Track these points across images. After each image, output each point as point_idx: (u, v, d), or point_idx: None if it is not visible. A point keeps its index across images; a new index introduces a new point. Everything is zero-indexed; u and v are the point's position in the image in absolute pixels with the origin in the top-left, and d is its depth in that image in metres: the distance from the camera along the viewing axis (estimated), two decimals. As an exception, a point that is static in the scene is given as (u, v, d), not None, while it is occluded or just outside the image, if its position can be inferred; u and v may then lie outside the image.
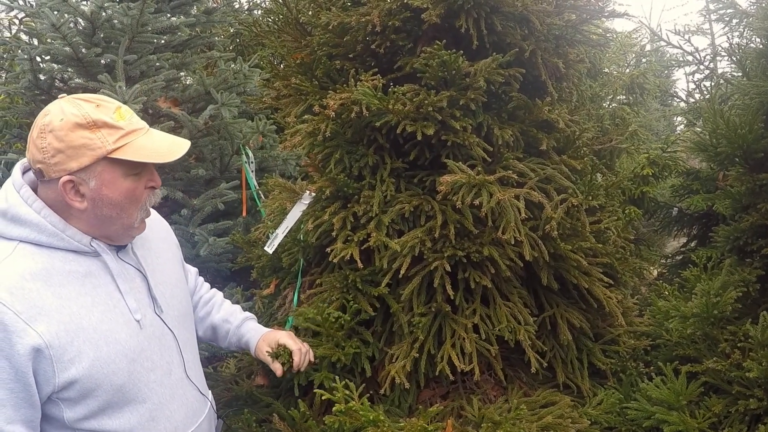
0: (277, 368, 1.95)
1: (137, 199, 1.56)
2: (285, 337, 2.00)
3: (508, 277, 2.22)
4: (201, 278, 2.14)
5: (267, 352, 1.97)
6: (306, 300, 2.27)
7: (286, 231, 2.20)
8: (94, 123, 1.45)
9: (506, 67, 2.23)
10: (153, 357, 1.61)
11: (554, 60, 2.36)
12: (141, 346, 1.58)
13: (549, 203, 2.19)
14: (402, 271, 2.07)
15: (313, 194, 2.18)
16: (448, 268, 2.08)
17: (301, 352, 1.99)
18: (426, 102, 2.06)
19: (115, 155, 1.47)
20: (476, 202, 2.00)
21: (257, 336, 2.03)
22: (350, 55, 2.31)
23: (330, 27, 2.26)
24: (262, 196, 2.55)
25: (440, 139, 2.13)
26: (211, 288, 2.15)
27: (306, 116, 2.19)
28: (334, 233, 2.14)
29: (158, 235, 1.83)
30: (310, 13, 2.40)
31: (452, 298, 2.15)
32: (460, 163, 2.08)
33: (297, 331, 2.29)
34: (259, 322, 2.41)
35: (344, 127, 2.19)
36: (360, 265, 2.11)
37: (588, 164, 2.43)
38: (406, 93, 2.12)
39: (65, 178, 1.46)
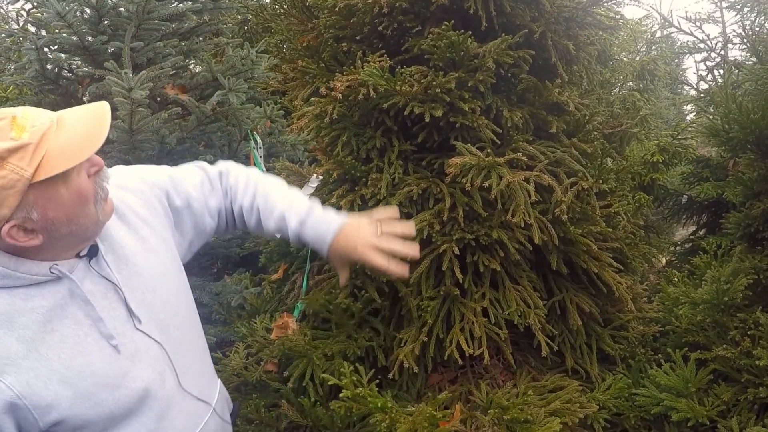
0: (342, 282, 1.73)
1: (86, 199, 1.36)
2: (362, 257, 1.64)
3: (518, 261, 2.21)
4: (231, 176, 1.77)
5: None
6: (315, 286, 2.26)
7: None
8: None
9: (516, 48, 2.21)
10: (141, 374, 1.47)
11: (564, 42, 2.33)
12: (123, 369, 1.43)
13: (559, 186, 2.17)
14: (411, 254, 2.05)
15: (321, 177, 2.17)
16: (457, 252, 2.07)
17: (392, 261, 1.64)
18: (434, 83, 2.04)
19: (38, 178, 1.25)
20: (485, 184, 1.99)
21: (324, 248, 1.69)
22: (357, 37, 2.29)
23: (337, 9, 2.24)
24: (278, 175, 2.54)
25: (449, 121, 2.11)
26: (247, 177, 1.78)
27: (313, 99, 2.17)
28: (340, 216, 2.12)
29: (136, 216, 1.58)
30: (317, -4, 2.38)
31: (461, 281, 2.13)
32: (469, 145, 2.06)
33: (306, 317, 2.29)
34: (267, 309, 2.39)
35: (351, 109, 2.17)
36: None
37: (598, 148, 2.41)
38: (414, 74, 2.10)
39: (6, 227, 1.26)
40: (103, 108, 1.37)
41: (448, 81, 2.06)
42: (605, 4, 2.58)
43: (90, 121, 1.35)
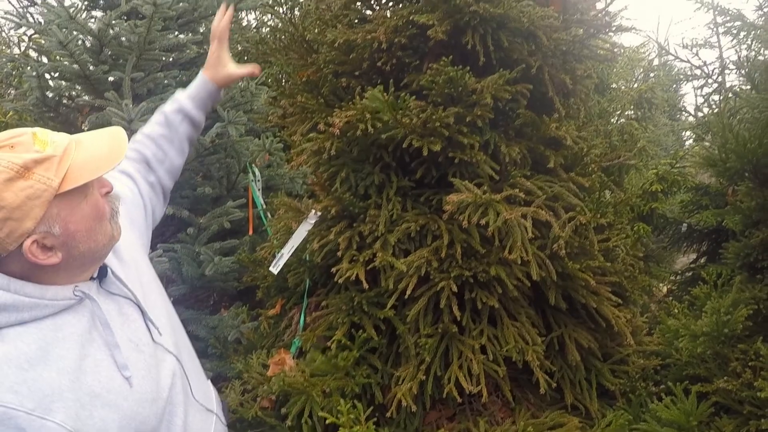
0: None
1: (102, 215, 1.39)
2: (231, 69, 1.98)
3: (516, 297, 2.20)
4: (130, 150, 1.86)
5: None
6: (312, 322, 2.25)
7: (292, 251, 2.18)
8: (24, 167, 1.25)
9: (513, 83, 2.22)
10: (166, 383, 1.51)
11: (561, 76, 2.34)
12: (154, 381, 1.46)
13: (557, 222, 2.17)
14: (408, 292, 2.04)
15: (319, 213, 2.16)
16: (455, 289, 2.06)
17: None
18: (433, 117, 2.05)
19: (64, 188, 1.28)
20: (483, 221, 1.98)
21: (205, 84, 1.99)
22: (356, 73, 2.30)
23: (336, 44, 2.25)
24: (268, 214, 2.54)
25: (447, 156, 2.12)
26: (137, 138, 1.92)
27: (311, 134, 2.18)
28: (339, 253, 2.12)
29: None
30: (316, 30, 2.39)
31: (459, 318, 2.12)
32: (467, 181, 2.06)
33: (303, 352, 2.28)
34: (263, 344, 2.39)
35: (350, 145, 2.18)
36: (366, 285, 2.09)
37: (596, 181, 2.41)
38: (413, 108, 2.10)
39: (28, 242, 1.27)
40: (119, 130, 1.44)
41: (447, 116, 2.06)
42: (601, 36, 2.60)
43: (108, 140, 1.40)
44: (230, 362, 2.67)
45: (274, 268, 2.21)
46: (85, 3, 4.13)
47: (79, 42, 3.54)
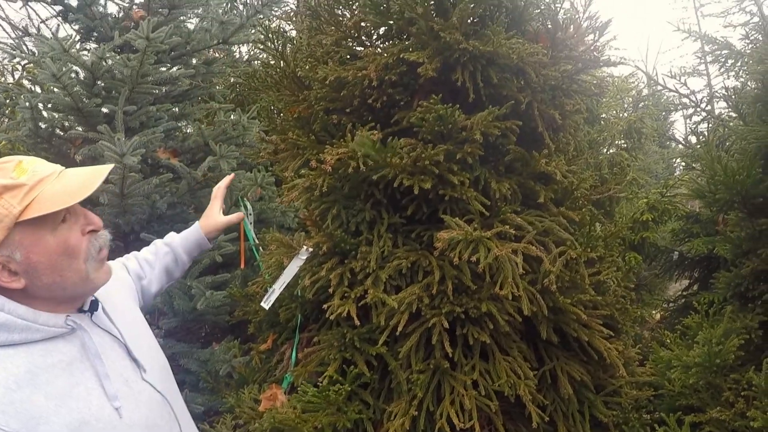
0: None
1: (74, 252, 1.39)
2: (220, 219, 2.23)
3: (507, 332, 2.20)
4: (139, 254, 2.11)
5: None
6: (304, 358, 2.24)
7: (283, 287, 2.18)
8: None
9: (503, 119, 2.24)
10: (158, 422, 1.52)
11: (551, 111, 2.36)
12: (145, 415, 1.48)
13: (547, 257, 2.18)
14: (399, 329, 2.05)
15: (310, 250, 2.17)
16: (446, 325, 2.06)
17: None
18: (423, 156, 2.06)
19: (25, 216, 1.31)
20: (474, 258, 1.99)
21: (196, 231, 2.21)
22: (347, 110, 2.32)
23: (327, 82, 2.27)
24: (261, 248, 2.54)
25: (438, 193, 2.13)
26: (128, 257, 2.10)
27: (303, 171, 2.19)
28: (331, 289, 2.12)
29: (116, 279, 1.68)
30: (307, 67, 2.42)
31: (451, 354, 2.12)
32: (457, 218, 2.07)
33: (294, 388, 2.26)
34: (255, 379, 2.39)
35: (341, 182, 2.19)
36: (357, 322, 2.09)
37: (586, 215, 2.42)
38: (403, 147, 2.12)
39: None
40: (102, 168, 1.46)
41: (437, 153, 2.08)
42: (590, 70, 2.63)
43: (86, 177, 1.42)
44: (222, 396, 2.66)
45: (266, 304, 2.20)
46: (79, 35, 4.17)
47: (72, 75, 3.56)
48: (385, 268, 2.11)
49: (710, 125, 4.52)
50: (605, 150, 5.09)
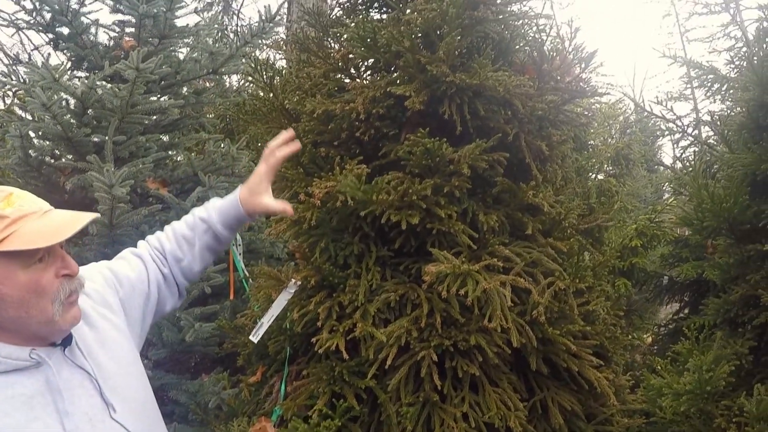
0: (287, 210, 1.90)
1: (44, 292, 1.38)
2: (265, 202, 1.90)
3: (497, 364, 2.19)
4: (150, 240, 1.91)
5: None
6: (293, 391, 2.22)
7: (272, 320, 2.18)
8: None
9: (490, 151, 2.25)
10: None
11: (538, 142, 2.38)
12: None
13: (536, 288, 2.18)
14: (388, 362, 2.04)
15: (299, 283, 2.17)
16: (435, 358, 2.06)
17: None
18: (410, 191, 2.07)
19: (1, 248, 1.31)
20: (462, 291, 1.99)
21: (238, 206, 1.90)
22: (335, 143, 2.33)
23: (315, 114, 2.29)
24: (250, 279, 2.54)
25: (425, 226, 2.13)
26: (158, 232, 1.95)
27: (292, 204, 2.19)
28: (319, 323, 2.11)
29: (97, 313, 1.64)
30: (295, 99, 2.43)
31: (440, 387, 2.11)
32: (445, 252, 2.08)
33: (284, 421, 2.25)
34: (245, 411, 2.37)
35: (329, 215, 2.19)
36: (345, 355, 2.08)
37: (575, 245, 2.43)
38: (390, 182, 2.13)
39: None
40: (84, 215, 1.46)
41: (425, 188, 2.09)
42: (577, 101, 2.65)
43: (66, 221, 1.42)
44: (211, 429, 2.64)
45: (254, 337, 2.20)
46: (70, 63, 4.18)
47: (63, 103, 3.57)
48: (373, 301, 2.11)
49: (697, 150, 4.56)
50: (593, 176, 5.13)
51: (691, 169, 3.08)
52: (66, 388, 1.43)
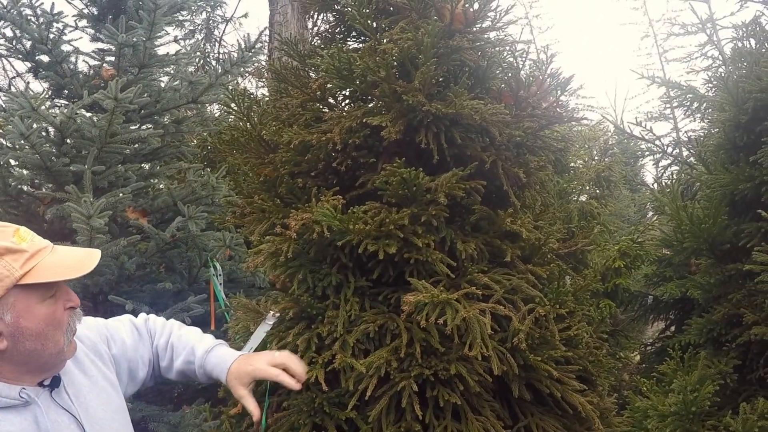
0: (254, 412, 1.77)
1: (59, 324, 1.44)
2: (257, 371, 1.79)
3: (479, 392, 2.18)
4: (151, 320, 1.93)
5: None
6: (274, 423, 2.20)
7: (251, 352, 2.15)
8: None
9: (467, 179, 2.25)
10: None
11: (515, 169, 2.38)
12: None
13: (516, 315, 2.18)
14: (368, 393, 2.02)
15: (277, 315, 2.15)
16: (416, 388, 2.04)
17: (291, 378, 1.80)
18: (387, 220, 2.07)
19: (26, 280, 1.36)
20: (441, 320, 1.98)
21: (224, 371, 1.82)
22: (312, 173, 2.32)
23: (292, 145, 2.28)
24: (231, 310, 2.51)
25: (403, 256, 2.13)
26: (164, 322, 1.97)
27: (268, 237, 2.18)
28: (298, 355, 2.09)
29: (88, 359, 1.67)
30: (273, 129, 2.43)
31: (422, 417, 2.09)
32: (424, 281, 2.07)
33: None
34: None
35: (307, 246, 2.18)
36: (325, 387, 2.06)
37: (555, 270, 2.43)
38: (367, 211, 2.12)
39: None
40: (95, 252, 1.53)
41: (402, 217, 2.08)
42: (555, 125, 2.66)
43: (81, 254, 1.49)
44: (193, 462, 2.60)
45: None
46: (50, 91, 4.16)
47: (42, 132, 3.54)
48: (352, 332, 2.10)
49: (678, 169, 4.59)
50: (575, 198, 5.15)
51: (669, 190, 3.10)
52: (53, 429, 1.44)
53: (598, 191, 5.64)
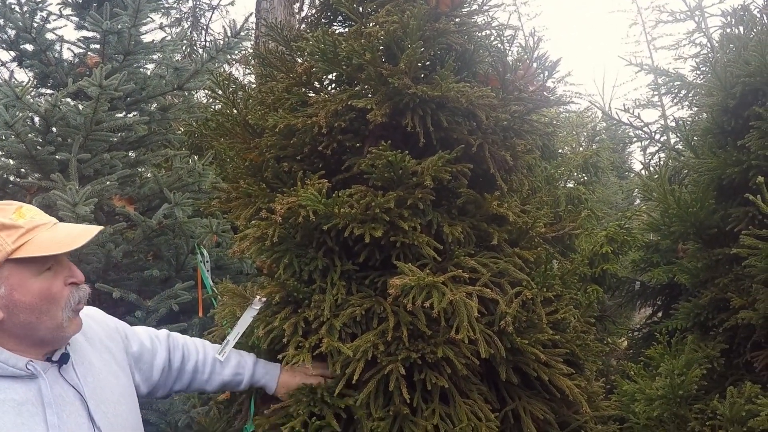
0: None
1: (55, 299, 1.50)
2: (305, 380, 2.12)
3: (466, 375, 2.18)
4: (179, 339, 2.10)
5: None
6: (271, 414, 2.18)
7: (237, 338, 2.15)
8: None
9: (454, 162, 2.25)
10: None
11: (502, 153, 2.38)
12: None
13: (503, 298, 2.17)
14: (355, 377, 2.02)
15: (264, 299, 2.14)
16: (403, 371, 2.04)
17: None
18: (373, 204, 2.06)
19: (16, 255, 1.43)
20: (427, 303, 1.98)
21: (273, 384, 2.16)
22: (298, 157, 2.31)
23: (277, 129, 2.27)
24: (219, 296, 2.51)
25: (390, 239, 2.12)
26: (194, 339, 2.16)
27: (253, 222, 2.17)
28: (285, 339, 2.09)
29: (102, 344, 1.75)
30: (258, 114, 2.41)
31: (410, 400, 2.09)
32: (410, 264, 2.07)
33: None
34: (215, 430, 2.35)
35: (293, 230, 2.17)
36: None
37: (542, 254, 2.43)
38: (353, 195, 2.11)
39: None
40: (92, 228, 1.58)
41: (387, 200, 2.08)
42: (542, 110, 2.66)
43: (77, 231, 1.55)
44: (182, 450, 2.60)
45: (221, 356, 2.16)
46: (35, 80, 4.13)
47: (28, 122, 3.52)
48: (339, 316, 2.09)
49: (666, 156, 4.60)
50: (563, 184, 5.16)
51: (657, 175, 3.11)
52: (57, 403, 1.50)
53: (585, 177, 5.66)
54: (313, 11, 2.80)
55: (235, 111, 2.47)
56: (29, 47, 4.06)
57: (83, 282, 1.60)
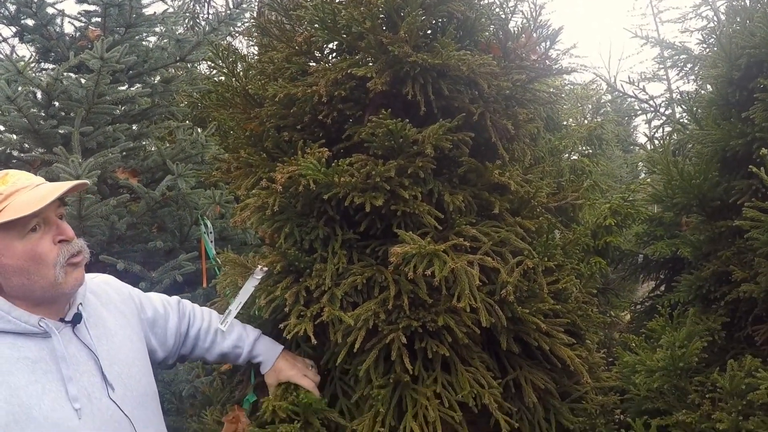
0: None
1: (42, 259, 1.51)
2: (293, 377, 2.10)
3: (467, 344, 2.19)
4: (188, 305, 2.14)
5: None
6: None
7: (239, 307, 2.16)
8: None
9: (455, 131, 2.24)
10: None
11: (504, 121, 2.36)
12: (99, 429, 1.54)
13: (504, 267, 2.17)
14: (356, 346, 2.03)
15: (265, 269, 2.15)
16: (404, 340, 2.05)
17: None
18: (374, 172, 2.06)
19: None
20: (429, 271, 1.98)
21: (269, 364, 2.14)
22: (298, 127, 2.30)
23: (277, 99, 2.26)
24: (222, 267, 2.52)
25: (390, 208, 2.12)
26: (202, 308, 2.19)
27: (254, 191, 2.17)
28: (287, 308, 2.10)
29: (116, 309, 1.79)
30: (258, 84, 2.40)
31: (411, 369, 2.10)
32: (411, 232, 2.07)
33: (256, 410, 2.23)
34: (219, 399, 2.38)
35: (293, 199, 2.17)
36: (314, 341, 2.07)
37: (544, 224, 2.43)
38: (353, 164, 2.11)
39: None
40: (70, 182, 1.58)
41: (388, 169, 2.07)
42: (545, 79, 2.64)
43: (53, 188, 1.54)
44: (187, 417, 2.63)
45: (223, 325, 2.17)
46: (36, 54, 4.12)
47: (30, 96, 3.52)
48: (340, 285, 2.10)
49: (670, 129, 4.57)
50: (567, 156, 5.14)
51: (661, 148, 3.09)
52: (70, 361, 1.53)
53: (590, 150, 5.63)
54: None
55: (235, 81, 2.46)
56: (30, 22, 4.05)
57: (73, 238, 1.60)
